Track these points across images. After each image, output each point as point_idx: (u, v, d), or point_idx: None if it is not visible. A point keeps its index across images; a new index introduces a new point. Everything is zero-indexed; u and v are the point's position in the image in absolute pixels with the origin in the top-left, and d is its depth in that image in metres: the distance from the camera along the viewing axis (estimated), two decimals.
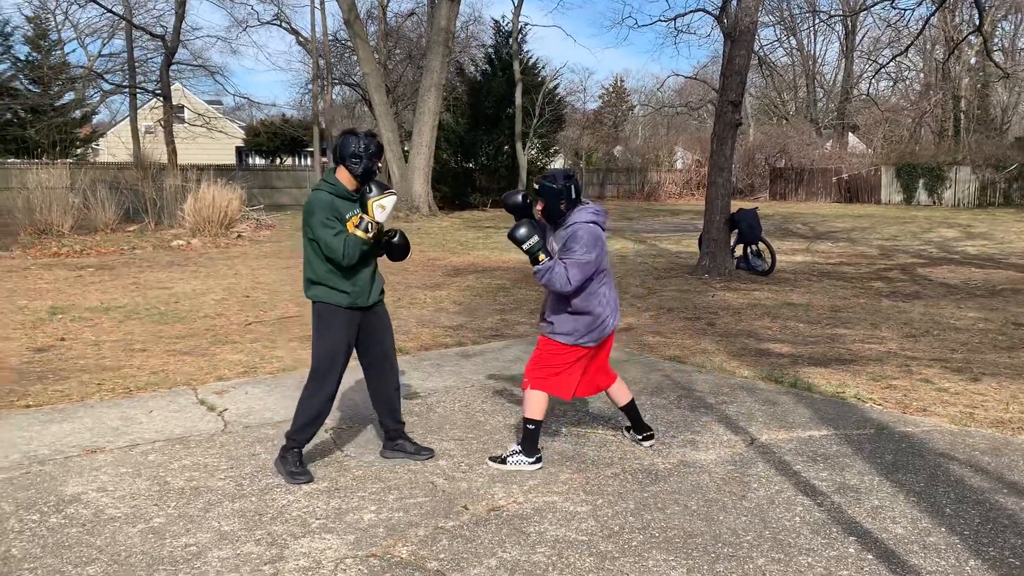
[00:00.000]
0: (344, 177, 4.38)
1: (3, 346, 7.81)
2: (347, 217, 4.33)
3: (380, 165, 4.55)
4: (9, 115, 32.22)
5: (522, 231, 4.41)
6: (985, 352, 7.51)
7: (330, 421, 5.41)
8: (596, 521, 3.87)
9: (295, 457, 4.44)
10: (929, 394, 6.06)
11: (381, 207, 4.32)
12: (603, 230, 4.53)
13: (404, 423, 4.83)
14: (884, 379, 6.50)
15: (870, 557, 3.49)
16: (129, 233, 19.24)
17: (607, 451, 4.84)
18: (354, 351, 4.61)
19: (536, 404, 4.52)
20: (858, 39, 47.19)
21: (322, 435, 5.13)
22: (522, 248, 4.42)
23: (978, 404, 5.79)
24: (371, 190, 4.36)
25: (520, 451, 4.55)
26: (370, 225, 4.27)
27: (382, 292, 4.63)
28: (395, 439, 4.76)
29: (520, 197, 4.58)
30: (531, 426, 4.52)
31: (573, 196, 4.47)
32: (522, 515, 3.95)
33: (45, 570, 3.42)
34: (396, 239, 4.51)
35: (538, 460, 4.55)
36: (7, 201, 19.73)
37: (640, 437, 4.91)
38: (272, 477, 4.43)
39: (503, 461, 4.56)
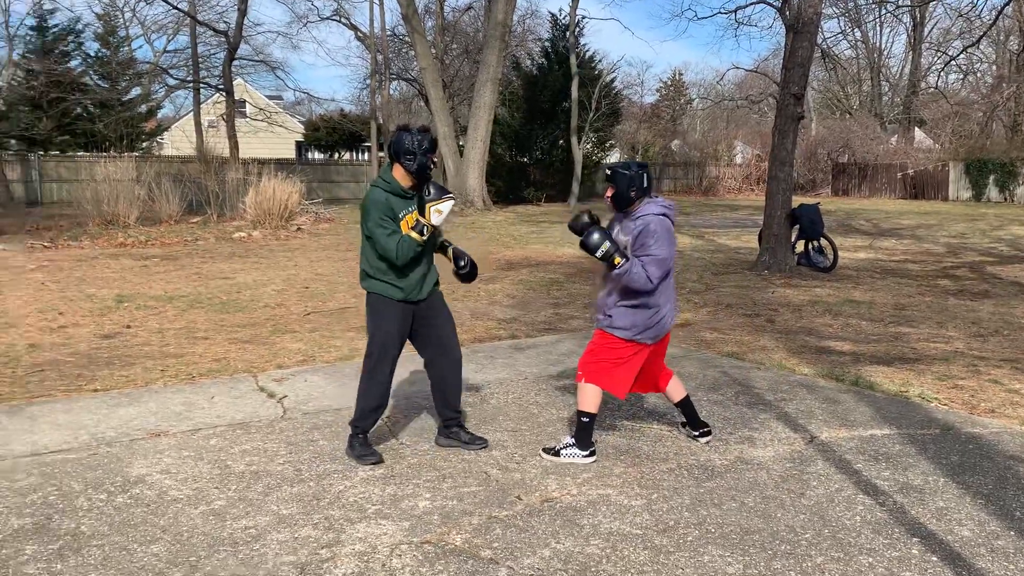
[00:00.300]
0: (399, 174, 4.41)
1: (73, 332, 8.07)
2: (401, 216, 4.38)
3: (435, 161, 4.57)
4: (79, 109, 33.26)
5: (594, 238, 4.33)
6: None
7: (386, 410, 5.47)
8: (651, 515, 3.84)
9: (360, 442, 4.56)
10: (998, 395, 5.87)
11: (438, 212, 4.35)
12: (672, 224, 4.47)
13: (460, 413, 4.86)
14: (950, 379, 6.31)
15: (934, 559, 3.39)
16: (192, 224, 19.71)
17: (662, 446, 4.79)
18: (408, 342, 4.66)
19: (590, 397, 4.49)
20: (927, 30, 45.81)
21: (378, 423, 5.19)
22: (595, 256, 4.35)
23: None
24: (430, 193, 4.37)
25: (574, 443, 4.53)
26: (425, 228, 4.33)
27: (436, 284, 4.67)
28: (450, 427, 4.80)
29: (586, 217, 4.50)
30: (585, 419, 4.49)
31: (644, 185, 4.42)
32: (576, 507, 3.93)
33: (112, 547, 3.52)
34: (466, 270, 4.67)
35: (592, 453, 4.52)
36: (77, 193, 20.40)
37: (696, 433, 4.85)
38: (330, 463, 4.50)
39: (556, 453, 4.55)
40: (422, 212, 4.37)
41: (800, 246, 13.04)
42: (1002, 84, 40.63)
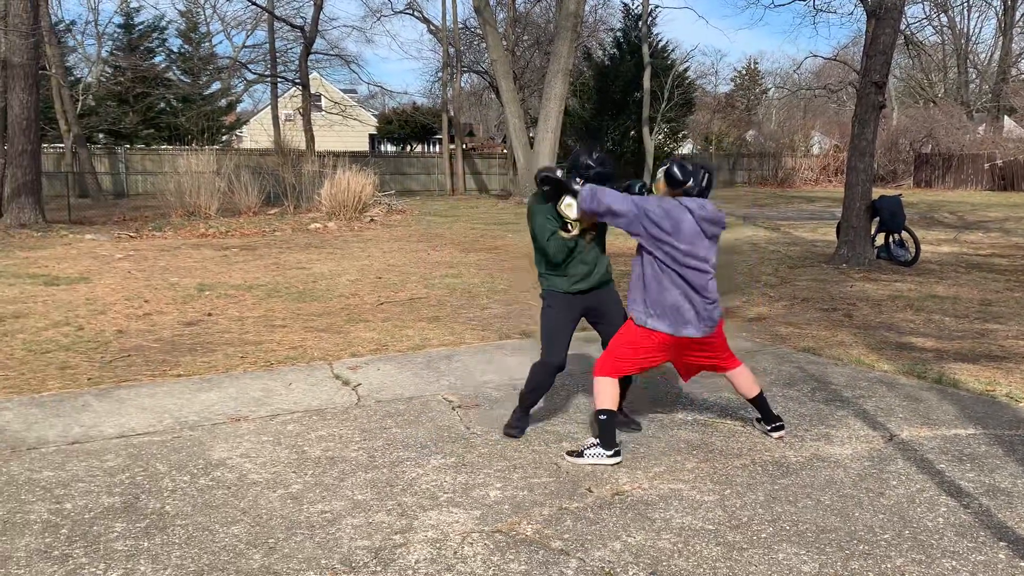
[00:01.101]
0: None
1: (158, 319, 8.37)
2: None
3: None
4: (163, 104, 34.41)
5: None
6: None
7: (455, 399, 5.54)
8: (723, 511, 3.79)
9: (517, 416, 4.91)
10: None
11: (569, 206, 4.60)
12: (693, 215, 4.31)
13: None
14: None
15: (1023, 565, 3.26)
16: (270, 216, 20.21)
17: (735, 441, 4.72)
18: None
19: (604, 393, 4.40)
20: (1018, 15, 43.85)
21: (449, 413, 5.25)
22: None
23: None
24: (559, 198, 4.67)
25: (598, 443, 4.39)
26: (569, 225, 4.65)
27: (607, 273, 4.91)
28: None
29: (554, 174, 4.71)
30: (603, 416, 4.37)
31: (680, 181, 4.40)
32: (647, 501, 3.91)
33: (195, 527, 3.65)
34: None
35: (616, 453, 4.35)
36: (160, 185, 21.11)
37: (769, 428, 4.76)
38: (403, 450, 4.57)
39: (580, 455, 4.41)
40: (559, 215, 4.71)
41: (880, 239, 12.67)
42: None
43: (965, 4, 45.24)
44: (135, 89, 31.22)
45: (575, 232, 4.64)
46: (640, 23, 33.23)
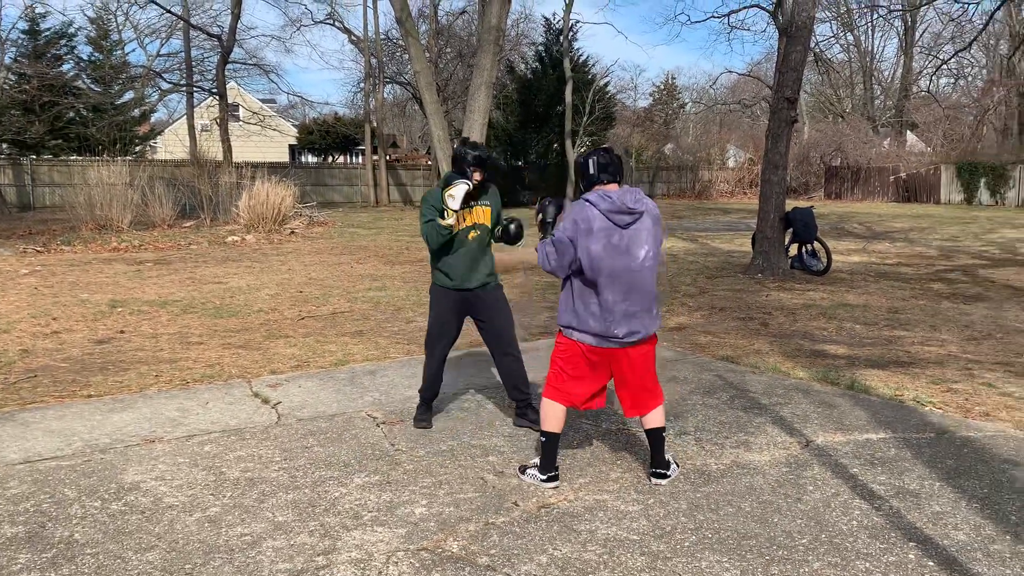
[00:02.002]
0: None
1: (66, 337, 8.03)
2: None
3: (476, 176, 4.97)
4: (72, 113, 33.14)
5: (511, 230, 5.05)
6: None
7: (380, 415, 5.47)
8: (648, 521, 3.83)
9: (420, 409, 5.30)
10: (992, 398, 5.88)
11: (451, 196, 4.80)
12: (607, 217, 3.98)
13: (529, 394, 5.21)
14: (944, 382, 6.33)
15: (931, 564, 3.39)
16: (186, 229, 19.65)
17: None
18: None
19: (547, 414, 4.22)
20: (918, 35, 46.08)
21: (374, 430, 5.18)
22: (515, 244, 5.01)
23: None
24: (446, 183, 4.89)
25: (537, 465, 4.31)
26: (445, 212, 4.86)
27: (489, 276, 5.16)
28: (523, 410, 5.25)
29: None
30: (543, 438, 4.23)
31: (590, 172, 4.14)
32: (573, 513, 3.93)
33: (106, 555, 3.50)
34: (512, 227, 5.07)
35: (552, 478, 4.21)
36: (70, 197, 20.31)
37: (653, 471, 4.31)
38: (325, 469, 4.48)
39: (523, 471, 4.35)
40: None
41: (793, 249, 13.08)
42: (992, 88, 40.85)
43: (870, 24, 47.25)
44: (41, 97, 29.96)
45: (449, 221, 4.87)
46: (561, 38, 33.65)
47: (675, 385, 6.20)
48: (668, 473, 4.30)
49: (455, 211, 4.85)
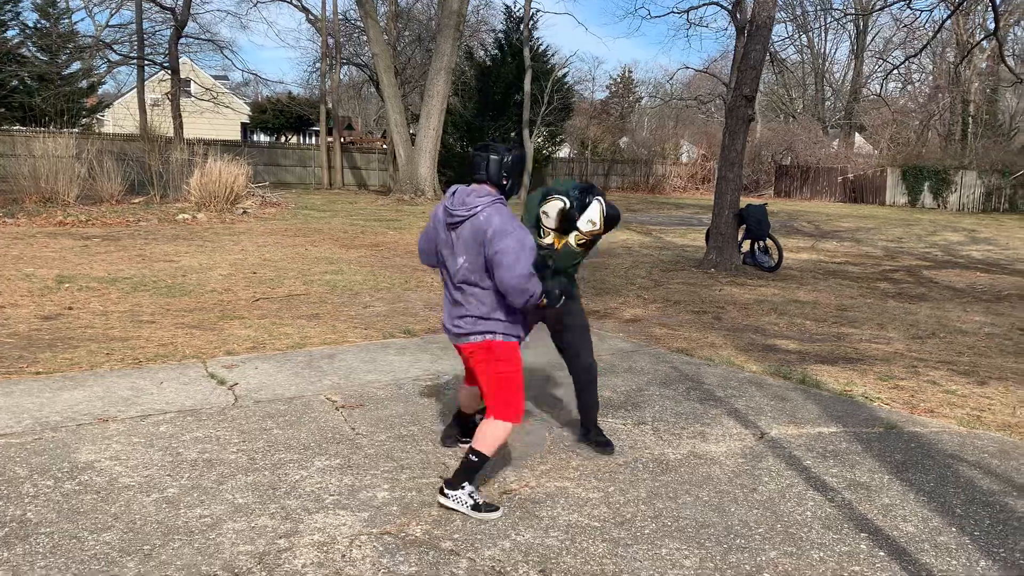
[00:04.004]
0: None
1: (11, 313, 7.81)
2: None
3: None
4: (16, 82, 32.05)
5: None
6: (992, 356, 7.52)
7: (339, 399, 5.44)
8: (608, 508, 3.89)
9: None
10: (936, 395, 6.08)
11: (545, 213, 4.33)
12: (443, 215, 3.86)
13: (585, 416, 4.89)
14: (891, 379, 6.52)
15: (882, 554, 3.51)
16: (134, 205, 19.20)
17: (617, 440, 4.83)
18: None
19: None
20: (869, 39, 47.05)
21: (333, 414, 5.15)
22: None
23: (985, 407, 5.81)
24: (543, 197, 4.40)
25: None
26: (542, 230, 4.42)
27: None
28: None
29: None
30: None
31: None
32: (534, 499, 3.96)
33: (61, 535, 3.43)
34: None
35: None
36: (13, 168, 19.64)
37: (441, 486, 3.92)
38: (284, 452, 4.44)
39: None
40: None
41: (746, 245, 13.29)
42: (938, 94, 41.93)
43: (823, 26, 48.11)
44: None
45: (547, 240, 4.35)
46: (522, 26, 33.57)
47: (632, 376, 6.28)
48: (450, 496, 3.78)
49: (551, 230, 4.33)
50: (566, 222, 4.24)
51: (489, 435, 3.79)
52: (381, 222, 19.14)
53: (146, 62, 33.34)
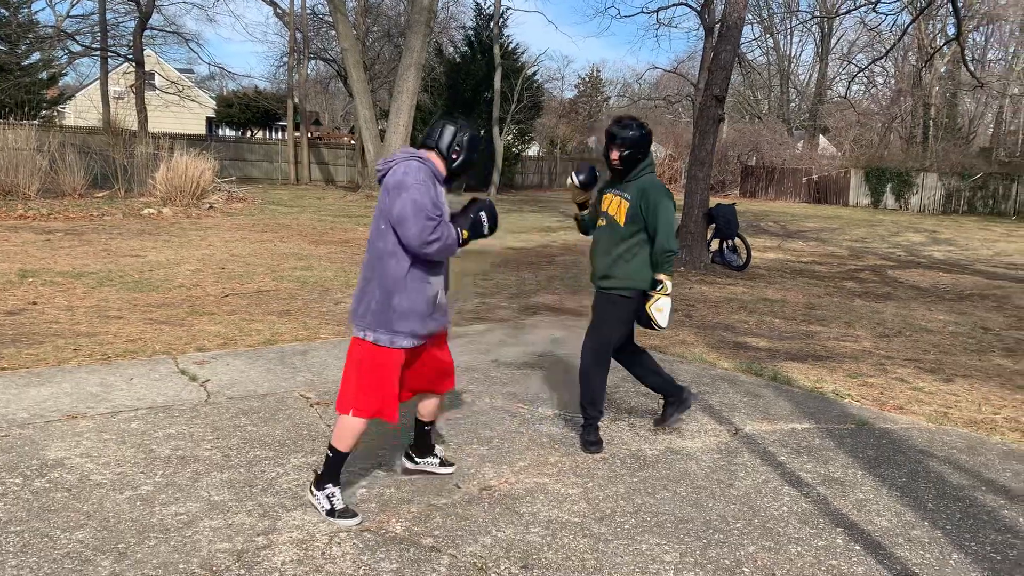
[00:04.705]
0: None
1: None
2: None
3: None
4: None
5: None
6: (956, 354, 7.67)
7: (313, 395, 5.39)
8: (588, 503, 3.89)
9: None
10: (904, 392, 6.18)
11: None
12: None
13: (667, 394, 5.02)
14: (860, 376, 6.61)
15: (857, 548, 3.55)
16: (98, 199, 18.86)
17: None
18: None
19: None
20: (834, 42, 47.70)
21: (308, 411, 5.10)
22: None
23: (952, 404, 5.92)
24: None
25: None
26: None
27: (605, 279, 4.62)
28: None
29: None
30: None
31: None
32: (514, 495, 3.96)
33: (32, 533, 3.35)
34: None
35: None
36: None
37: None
38: (259, 449, 4.39)
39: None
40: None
41: (715, 244, 13.41)
42: (900, 98, 42.67)
43: (789, 29, 48.68)
44: None
45: (574, 211, 4.86)
46: (491, 23, 33.55)
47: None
48: (314, 497, 3.68)
49: (574, 185, 4.68)
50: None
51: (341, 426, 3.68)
52: (350, 218, 19.00)
53: (109, 54, 32.81)
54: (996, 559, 3.51)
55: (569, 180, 4.73)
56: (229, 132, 47.06)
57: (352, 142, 36.99)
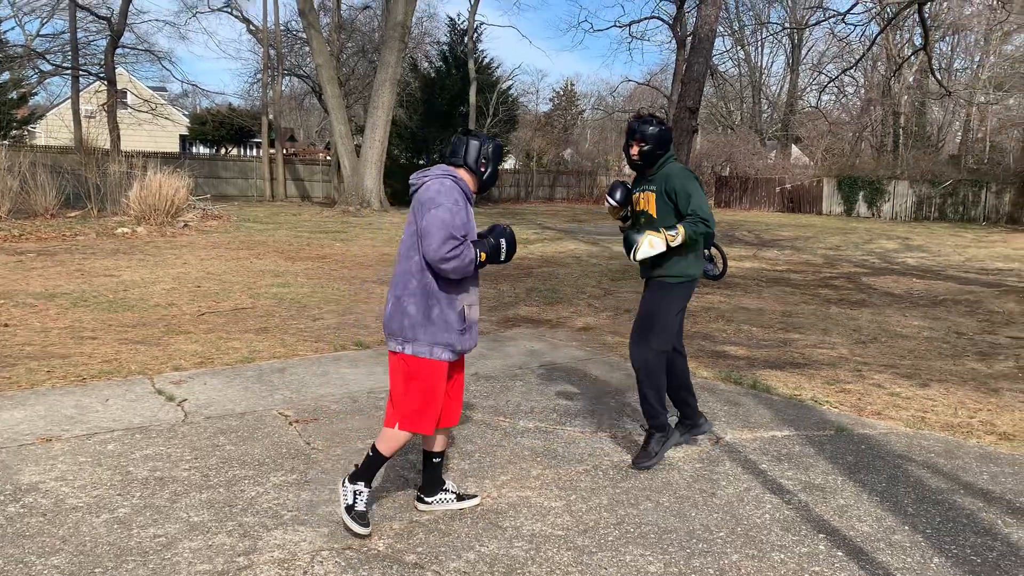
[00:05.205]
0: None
1: None
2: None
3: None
4: None
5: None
6: (931, 359, 7.75)
7: (292, 413, 5.34)
8: (571, 516, 3.89)
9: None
10: (882, 398, 6.23)
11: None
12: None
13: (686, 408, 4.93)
14: (838, 383, 6.66)
15: (840, 554, 3.57)
16: (71, 219, 18.66)
17: (576, 447, 4.86)
18: None
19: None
20: (804, 53, 48.33)
21: (287, 429, 5.06)
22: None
23: (929, 409, 5.98)
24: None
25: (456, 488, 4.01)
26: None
27: (652, 269, 4.62)
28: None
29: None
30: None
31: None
32: (497, 510, 3.94)
33: (6, 559, 3.29)
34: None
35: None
36: None
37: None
38: (239, 468, 4.34)
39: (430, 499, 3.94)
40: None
41: None
42: (871, 107, 43.29)
43: (760, 40, 49.29)
44: None
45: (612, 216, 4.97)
46: (466, 38, 33.68)
47: (588, 384, 6.32)
48: (343, 488, 3.68)
49: (611, 204, 4.82)
50: None
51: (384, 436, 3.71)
52: (327, 234, 18.93)
53: (80, 73, 32.54)
54: (976, 561, 3.54)
55: (607, 203, 4.86)
56: (203, 150, 46.77)
57: (328, 158, 36.90)
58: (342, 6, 35.55)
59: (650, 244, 4.36)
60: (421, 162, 33.83)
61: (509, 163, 43.02)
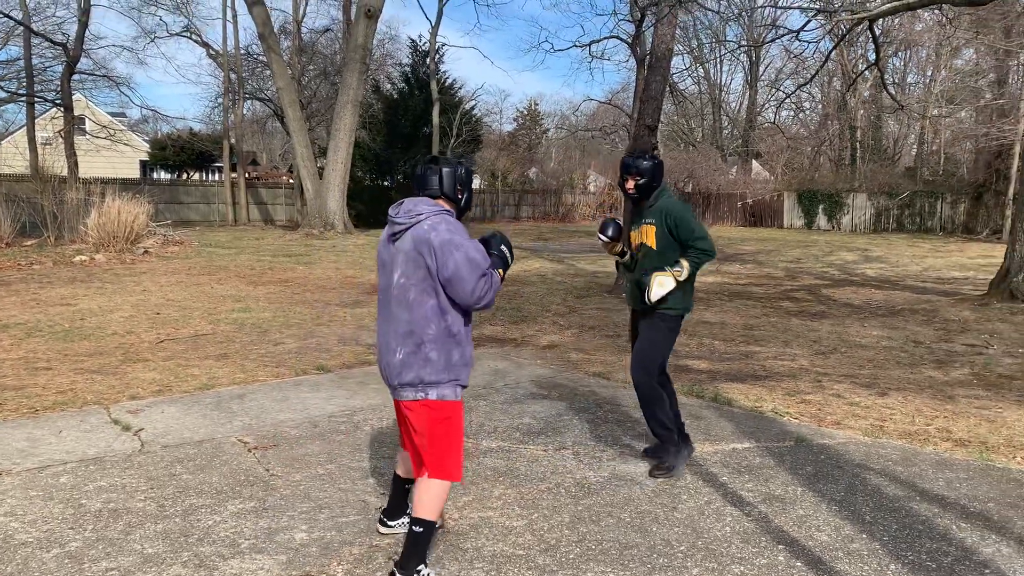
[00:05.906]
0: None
1: None
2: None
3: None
4: None
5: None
6: (890, 368, 7.86)
7: (251, 439, 5.27)
8: (532, 535, 3.87)
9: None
10: (841, 408, 6.31)
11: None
12: (386, 230, 3.55)
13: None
14: (798, 394, 6.73)
15: (799, 564, 3.59)
16: (27, 247, 18.33)
17: (539, 466, 4.85)
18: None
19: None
20: (762, 70, 49.12)
21: (246, 456, 4.99)
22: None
23: (887, 417, 6.06)
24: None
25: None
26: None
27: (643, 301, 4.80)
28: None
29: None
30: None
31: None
32: (458, 531, 3.91)
33: None
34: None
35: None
36: None
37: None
38: (196, 497, 4.27)
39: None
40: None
41: None
42: (828, 121, 44.08)
43: (718, 58, 50.02)
44: None
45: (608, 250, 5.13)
46: (428, 59, 33.78)
47: (551, 402, 6.32)
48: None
49: (604, 240, 4.98)
50: None
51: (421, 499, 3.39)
52: (290, 257, 18.79)
53: (36, 99, 32.06)
54: (932, 567, 3.58)
55: (600, 239, 5.04)
56: (164, 175, 46.27)
57: (291, 181, 36.71)
58: (303, 29, 35.52)
59: (660, 284, 4.62)
60: (386, 183, 33.79)
61: (475, 183, 43.07)
